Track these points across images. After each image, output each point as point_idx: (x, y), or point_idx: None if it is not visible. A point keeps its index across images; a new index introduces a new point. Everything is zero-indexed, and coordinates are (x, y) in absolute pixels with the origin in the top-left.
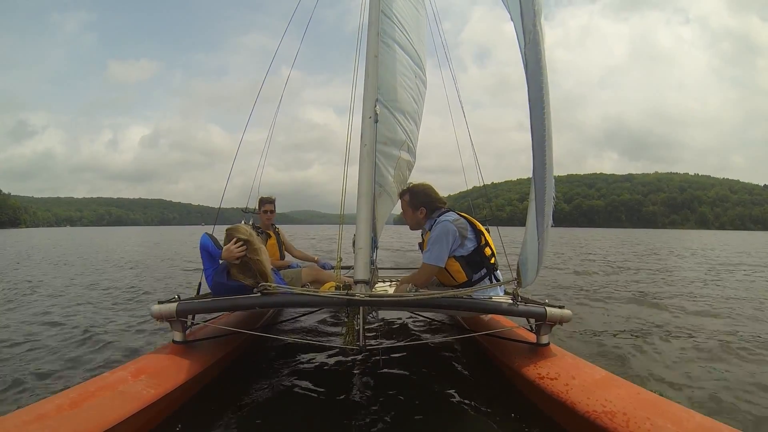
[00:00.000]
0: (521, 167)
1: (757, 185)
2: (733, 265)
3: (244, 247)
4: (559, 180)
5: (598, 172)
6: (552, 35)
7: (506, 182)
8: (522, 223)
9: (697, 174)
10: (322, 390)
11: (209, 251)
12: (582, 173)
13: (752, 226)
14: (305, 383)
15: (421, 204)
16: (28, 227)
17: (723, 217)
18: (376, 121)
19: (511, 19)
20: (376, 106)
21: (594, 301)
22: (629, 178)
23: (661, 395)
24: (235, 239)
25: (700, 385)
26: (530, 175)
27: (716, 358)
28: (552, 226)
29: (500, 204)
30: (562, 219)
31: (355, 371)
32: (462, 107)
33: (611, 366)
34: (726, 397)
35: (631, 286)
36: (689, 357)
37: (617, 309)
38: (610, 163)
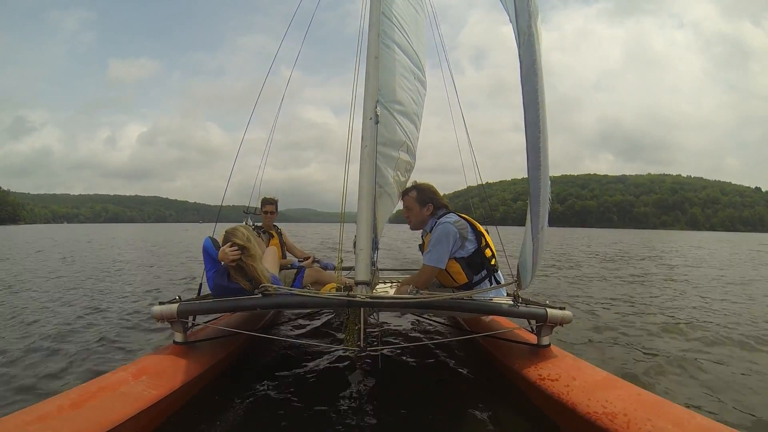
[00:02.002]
0: (517, 168)
1: (749, 187)
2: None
3: (239, 251)
4: (553, 180)
5: (593, 173)
6: (548, 38)
7: (500, 182)
8: (515, 222)
9: (690, 176)
10: (323, 391)
11: (210, 253)
12: (576, 174)
13: (742, 227)
14: (306, 384)
15: (429, 200)
16: (27, 224)
17: (713, 219)
18: (377, 122)
19: (510, 21)
20: (376, 107)
21: (594, 301)
22: (622, 179)
23: (662, 396)
24: (230, 242)
25: (701, 386)
26: (525, 175)
27: (717, 359)
28: (547, 226)
29: (494, 204)
30: (554, 219)
31: (355, 372)
32: (461, 108)
33: (612, 367)
34: (727, 398)
35: (631, 287)
36: (690, 357)
37: (617, 310)
38: (606, 165)
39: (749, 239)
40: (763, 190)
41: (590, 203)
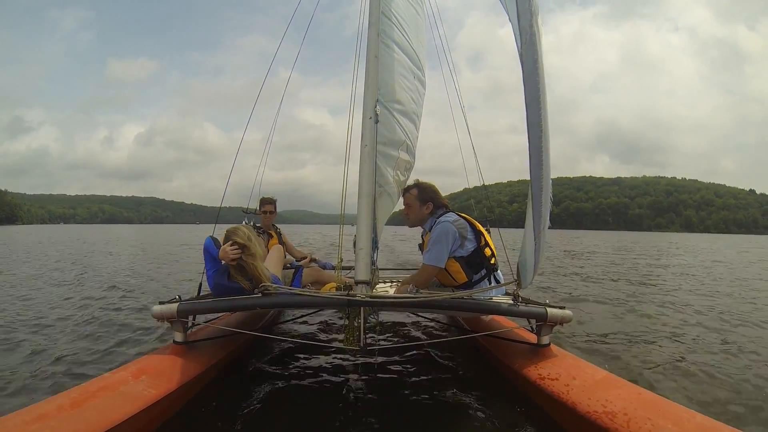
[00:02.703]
0: (514, 169)
1: (743, 190)
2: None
3: (239, 250)
4: None
5: (588, 176)
6: (545, 40)
7: (497, 184)
8: (511, 224)
9: (684, 178)
10: (323, 391)
11: (210, 252)
12: (572, 176)
13: (735, 229)
14: (306, 384)
15: (429, 199)
16: (24, 224)
17: (707, 221)
18: (377, 122)
19: (510, 20)
20: (376, 107)
21: (594, 301)
22: (617, 181)
23: (662, 395)
24: (231, 241)
25: (701, 385)
26: (522, 177)
27: (718, 358)
28: (549, 228)
29: (490, 206)
30: (550, 220)
31: (355, 372)
32: (463, 109)
33: (612, 366)
34: (727, 397)
35: (630, 286)
36: (690, 357)
37: (618, 310)
38: (602, 167)
39: (729, 240)
40: (758, 192)
41: (585, 205)
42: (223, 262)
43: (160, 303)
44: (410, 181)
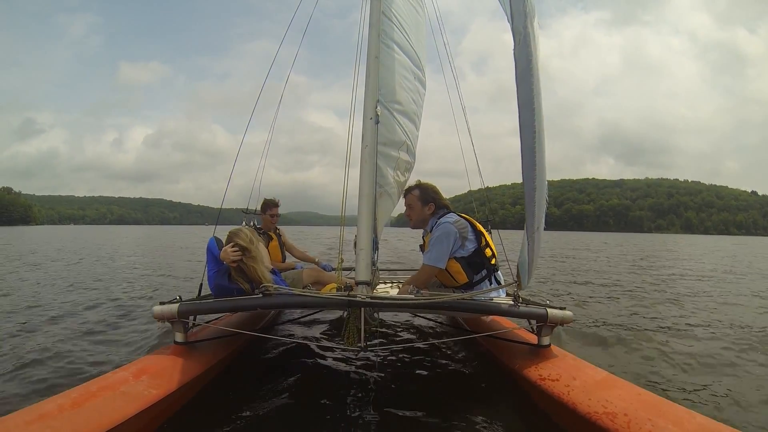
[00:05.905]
0: (518, 171)
1: (744, 191)
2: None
3: (240, 252)
4: (551, 185)
5: (591, 177)
6: (547, 45)
7: (500, 186)
8: (513, 226)
9: (686, 180)
10: (323, 391)
11: (213, 253)
12: (575, 178)
13: (736, 230)
14: (306, 384)
15: (431, 200)
16: (38, 225)
17: (707, 222)
18: (377, 122)
19: (508, 22)
20: (377, 107)
21: (595, 302)
22: (619, 183)
23: (663, 396)
24: (232, 243)
25: (701, 386)
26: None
27: (718, 359)
28: (544, 229)
29: (493, 208)
30: (551, 223)
31: (355, 372)
32: (465, 115)
33: (612, 367)
34: (728, 398)
35: (631, 287)
36: (690, 357)
37: (618, 310)
38: (607, 168)
39: (718, 242)
40: (760, 193)
41: (587, 207)
42: (224, 263)
43: (161, 303)
44: (410, 182)
